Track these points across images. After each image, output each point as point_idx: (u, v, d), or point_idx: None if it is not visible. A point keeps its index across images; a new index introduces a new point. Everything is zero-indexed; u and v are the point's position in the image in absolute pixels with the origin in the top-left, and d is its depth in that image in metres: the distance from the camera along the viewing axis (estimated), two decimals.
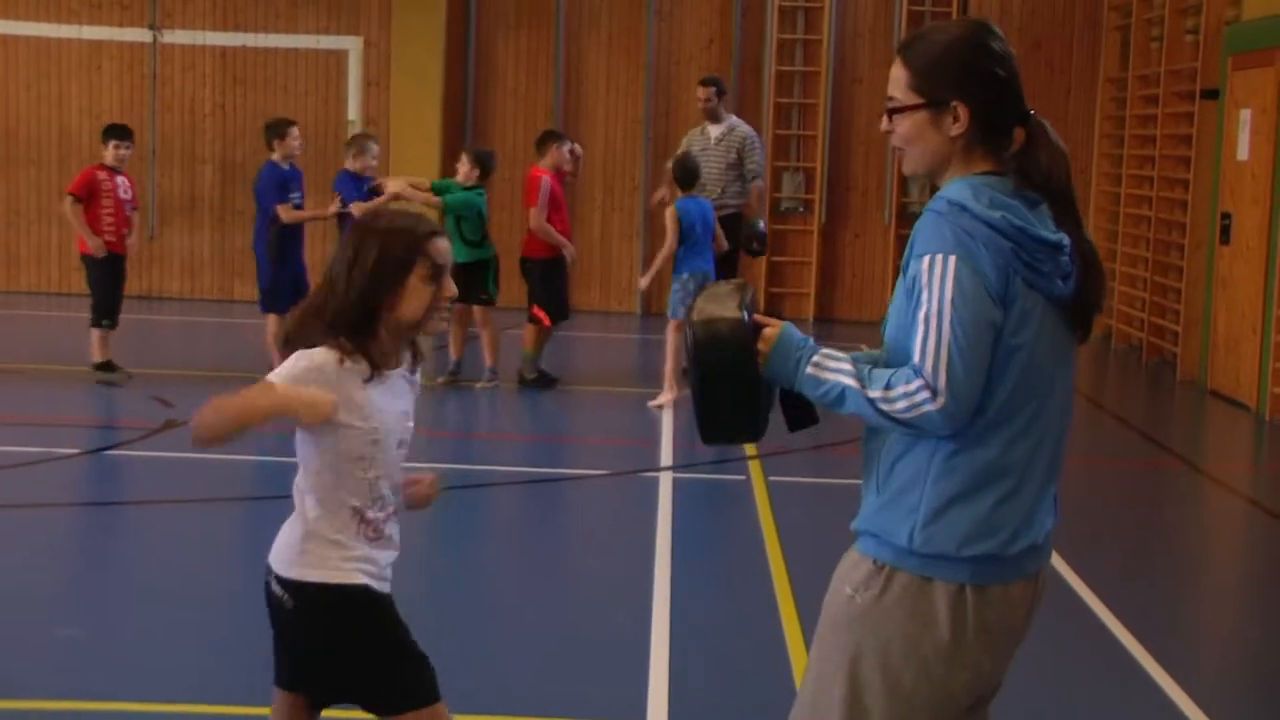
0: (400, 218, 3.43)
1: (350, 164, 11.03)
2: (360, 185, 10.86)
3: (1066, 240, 2.82)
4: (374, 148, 11.19)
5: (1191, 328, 12.72)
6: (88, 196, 10.65)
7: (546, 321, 10.94)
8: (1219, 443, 11.17)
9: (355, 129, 15.30)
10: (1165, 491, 9.22)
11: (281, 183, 10.69)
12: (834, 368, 2.82)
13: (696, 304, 2.96)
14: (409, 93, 15.38)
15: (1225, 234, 12.01)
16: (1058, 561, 6.76)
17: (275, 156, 10.75)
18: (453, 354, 10.99)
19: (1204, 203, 12.48)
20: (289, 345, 3.35)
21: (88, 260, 10.72)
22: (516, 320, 11.95)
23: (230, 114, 15.63)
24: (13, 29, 15.35)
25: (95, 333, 10.69)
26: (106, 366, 10.68)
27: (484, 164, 11.09)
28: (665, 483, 8.23)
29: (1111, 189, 15.33)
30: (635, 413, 10.38)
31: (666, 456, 8.82)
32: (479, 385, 10.85)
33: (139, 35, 15.32)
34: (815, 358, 2.85)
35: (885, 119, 2.95)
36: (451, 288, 3.38)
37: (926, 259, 2.76)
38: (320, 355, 3.30)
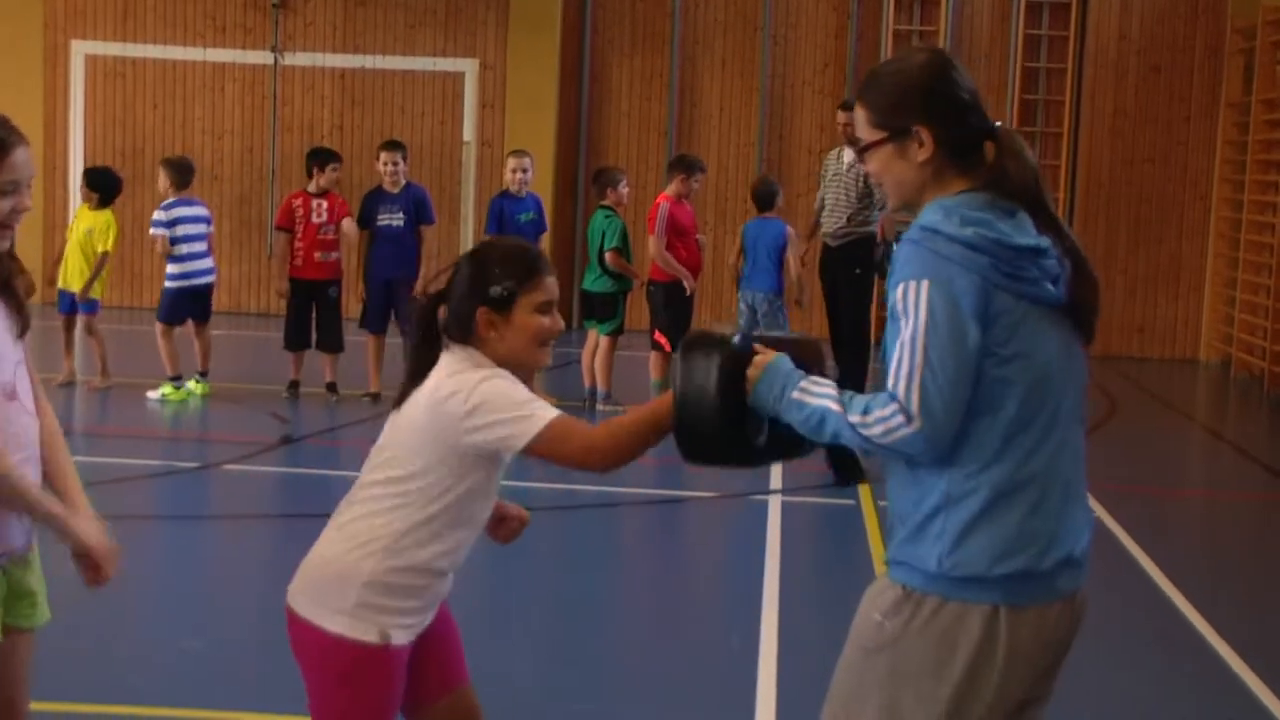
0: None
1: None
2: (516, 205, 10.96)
3: (1046, 243, 2.81)
4: (513, 161, 11.31)
5: None
6: (290, 225, 10.97)
7: (668, 348, 10.69)
8: None
9: (471, 150, 15.50)
10: None
11: (371, 205, 11.07)
12: (818, 393, 2.83)
13: (696, 327, 2.99)
14: (524, 114, 15.50)
15: None
16: (1176, 596, 6.67)
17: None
18: (586, 381, 10.96)
19: None
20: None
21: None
22: (631, 343, 11.96)
23: (348, 134, 15.80)
24: (141, 51, 15.77)
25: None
26: (292, 386, 10.95)
27: (598, 180, 11.21)
28: (775, 506, 8.15)
29: (1233, 215, 15.06)
30: None
31: (776, 480, 8.72)
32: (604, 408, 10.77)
33: (261, 57, 15.65)
34: (802, 383, 2.86)
35: (860, 160, 2.99)
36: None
37: (901, 287, 2.76)
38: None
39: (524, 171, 11.00)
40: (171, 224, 10.83)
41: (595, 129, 15.94)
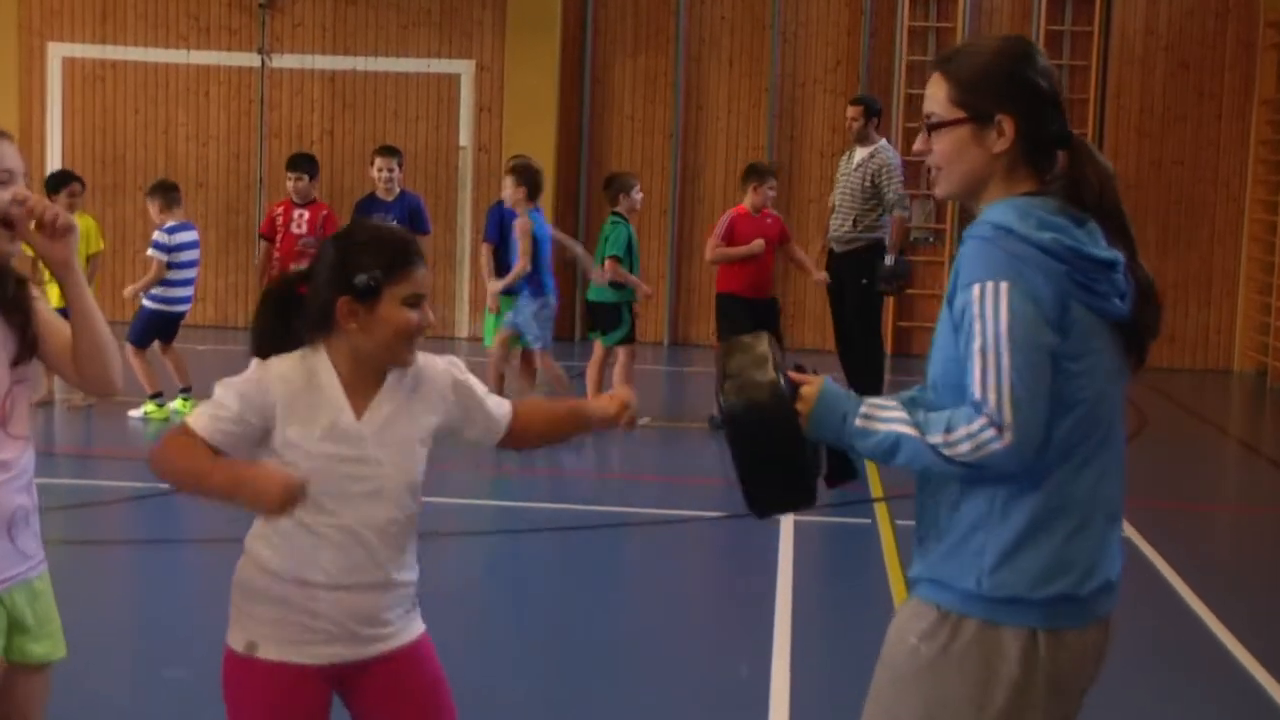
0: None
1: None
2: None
3: (1120, 257, 2.73)
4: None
5: None
6: (272, 234, 10.89)
7: None
8: None
9: (467, 156, 15.04)
10: None
11: (364, 213, 10.76)
12: (886, 417, 2.71)
13: (727, 370, 2.84)
14: (522, 118, 15.11)
15: None
16: (1205, 614, 6.52)
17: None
18: (590, 395, 10.68)
19: None
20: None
21: None
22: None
23: (339, 139, 15.49)
24: (121, 54, 15.50)
25: None
26: None
27: (609, 186, 10.79)
28: (787, 526, 7.83)
29: (1268, 217, 14.59)
30: None
31: None
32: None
33: (247, 60, 15.45)
34: (863, 409, 2.74)
35: (922, 137, 2.87)
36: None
37: (976, 288, 2.64)
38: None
39: None
40: (173, 249, 10.53)
41: (597, 133, 15.52)
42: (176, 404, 10.51)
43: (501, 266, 10.44)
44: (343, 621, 3.08)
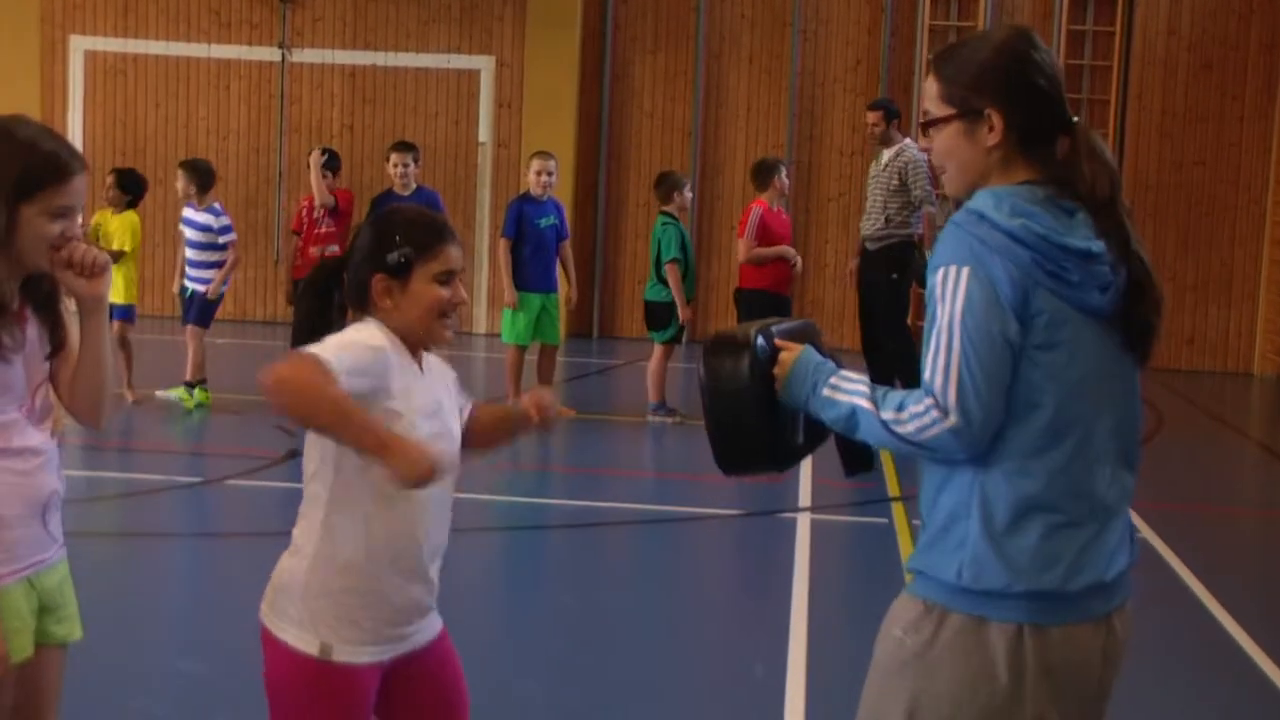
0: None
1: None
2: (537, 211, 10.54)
3: (1099, 248, 2.66)
4: (538, 163, 10.79)
5: None
6: (300, 228, 10.96)
7: None
8: None
9: (486, 152, 14.99)
10: None
11: (381, 208, 10.70)
12: (849, 389, 2.74)
13: (716, 332, 2.93)
14: (542, 115, 15.06)
15: None
16: (1224, 618, 6.40)
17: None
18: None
19: None
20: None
21: None
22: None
23: (358, 134, 15.43)
24: (142, 48, 15.47)
25: None
26: None
27: (660, 185, 10.85)
28: (803, 524, 7.74)
29: None
30: None
31: (805, 497, 8.28)
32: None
33: (268, 54, 15.36)
34: (832, 379, 2.77)
35: (922, 136, 2.87)
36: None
37: (940, 271, 2.65)
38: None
39: (549, 174, 10.63)
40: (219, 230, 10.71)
41: (616, 130, 15.44)
42: (194, 391, 10.53)
43: (518, 262, 10.43)
44: (409, 611, 3.09)
